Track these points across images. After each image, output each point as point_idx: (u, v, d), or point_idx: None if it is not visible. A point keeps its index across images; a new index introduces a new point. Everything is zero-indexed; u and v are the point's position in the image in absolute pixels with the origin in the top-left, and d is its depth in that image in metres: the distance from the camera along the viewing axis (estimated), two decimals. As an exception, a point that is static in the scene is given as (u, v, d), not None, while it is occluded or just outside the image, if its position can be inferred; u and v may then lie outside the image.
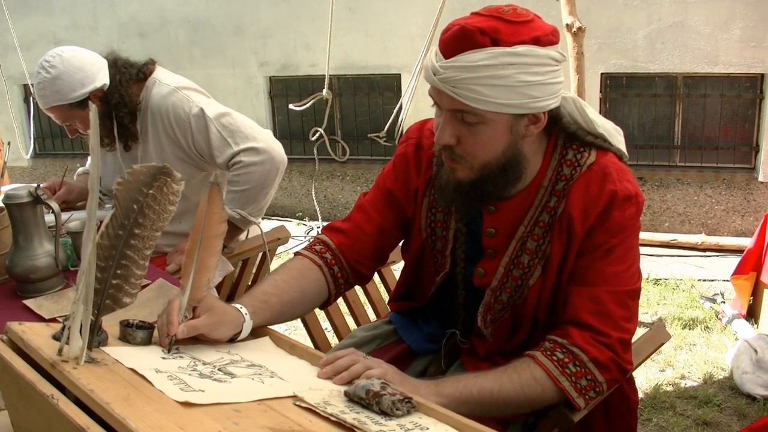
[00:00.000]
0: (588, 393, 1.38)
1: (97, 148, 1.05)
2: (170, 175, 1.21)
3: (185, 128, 2.41)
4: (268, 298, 1.49)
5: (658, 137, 5.79)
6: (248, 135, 2.43)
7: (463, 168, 1.42)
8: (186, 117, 2.40)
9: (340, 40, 5.66)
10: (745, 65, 5.30)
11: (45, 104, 2.36)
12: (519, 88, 1.30)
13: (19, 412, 1.18)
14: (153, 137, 2.48)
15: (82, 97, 2.35)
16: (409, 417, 1.09)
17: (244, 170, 2.39)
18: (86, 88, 2.35)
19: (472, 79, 1.29)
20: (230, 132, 2.41)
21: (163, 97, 2.43)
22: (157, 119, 2.44)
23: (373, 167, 6.59)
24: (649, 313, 4.11)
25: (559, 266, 1.46)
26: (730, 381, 3.21)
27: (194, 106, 2.41)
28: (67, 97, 2.33)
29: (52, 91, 2.31)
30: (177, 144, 2.45)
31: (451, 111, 1.36)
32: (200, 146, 2.42)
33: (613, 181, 1.42)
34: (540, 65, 1.31)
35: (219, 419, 0.97)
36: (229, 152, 2.39)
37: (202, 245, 1.34)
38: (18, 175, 7.38)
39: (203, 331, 1.30)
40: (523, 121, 1.37)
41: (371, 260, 1.69)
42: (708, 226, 5.63)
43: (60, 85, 2.31)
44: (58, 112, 2.39)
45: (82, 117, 2.41)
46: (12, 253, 1.92)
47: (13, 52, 5.58)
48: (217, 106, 2.46)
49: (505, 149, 1.39)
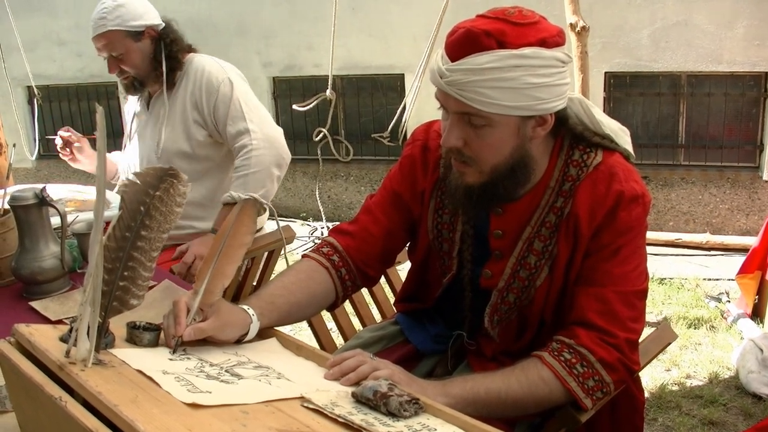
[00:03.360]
0: (595, 393, 1.38)
1: (104, 150, 1.05)
2: (177, 176, 1.21)
3: (211, 93, 2.57)
4: (275, 299, 1.49)
5: (662, 136, 5.78)
6: (264, 120, 2.58)
7: (473, 172, 1.42)
8: (216, 83, 2.57)
9: (344, 40, 5.66)
10: (749, 64, 5.29)
11: (102, 28, 2.48)
12: (525, 90, 1.30)
13: (26, 414, 1.18)
14: (181, 100, 2.63)
15: (141, 28, 2.53)
16: (416, 418, 1.09)
17: (253, 153, 2.49)
18: (146, 20, 2.54)
19: (479, 82, 1.29)
20: (249, 108, 2.56)
21: (205, 63, 2.63)
22: (190, 81, 2.61)
23: (376, 167, 6.59)
24: (654, 312, 4.10)
25: (566, 267, 1.46)
26: (735, 380, 3.20)
27: (228, 77, 2.58)
28: (126, 23, 2.49)
29: (114, 15, 2.47)
30: (198, 109, 2.59)
31: (458, 114, 1.36)
32: (219, 113, 2.56)
33: (620, 181, 1.42)
34: (546, 67, 1.31)
35: (227, 421, 0.97)
36: (242, 126, 2.53)
37: (223, 252, 1.35)
38: (22, 177, 7.39)
39: (211, 334, 1.30)
40: (530, 123, 1.37)
41: (378, 262, 1.69)
42: (713, 225, 5.62)
43: (123, 11, 2.48)
44: (110, 39, 2.51)
45: (131, 49, 2.54)
46: (18, 255, 1.92)
47: (17, 53, 5.57)
48: (249, 90, 2.64)
49: (512, 151, 1.39)
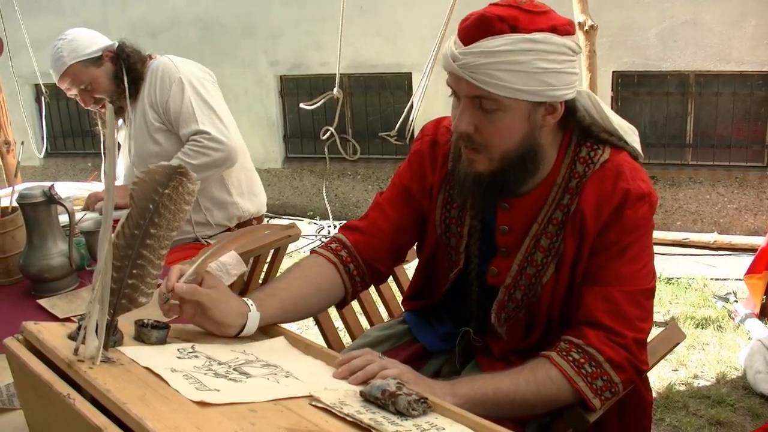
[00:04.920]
0: (604, 393, 1.37)
1: (114, 147, 1.05)
2: (186, 175, 1.21)
3: (163, 92, 2.61)
4: (276, 291, 1.49)
5: (670, 136, 5.76)
6: (218, 122, 2.61)
7: (482, 159, 1.42)
8: (169, 82, 2.61)
9: (351, 39, 5.66)
10: (757, 63, 5.26)
11: (62, 67, 2.57)
12: (536, 75, 1.31)
13: (34, 412, 1.18)
14: (141, 103, 2.68)
15: (98, 53, 2.62)
16: (425, 417, 1.08)
17: (199, 148, 2.55)
18: (100, 44, 2.65)
19: (491, 65, 1.30)
20: (202, 109, 2.59)
21: (160, 63, 2.68)
22: (147, 83, 2.67)
23: (384, 166, 6.59)
24: (662, 312, 4.09)
25: (572, 264, 1.46)
26: (743, 381, 3.19)
27: (181, 75, 2.62)
28: (83, 53, 2.58)
29: (69, 50, 2.57)
30: (154, 108, 2.64)
31: (470, 98, 1.37)
32: (172, 112, 2.60)
33: (626, 180, 1.41)
34: (557, 53, 1.32)
35: (236, 419, 0.97)
36: (194, 127, 2.57)
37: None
38: (30, 175, 7.40)
39: (203, 299, 1.31)
40: (540, 110, 1.38)
41: (388, 257, 1.68)
42: (720, 225, 5.59)
43: (76, 44, 2.59)
44: (74, 75, 2.60)
45: (96, 75, 2.63)
46: (26, 253, 1.93)
47: (25, 52, 5.59)
48: (209, 90, 2.66)
49: (522, 138, 1.39)
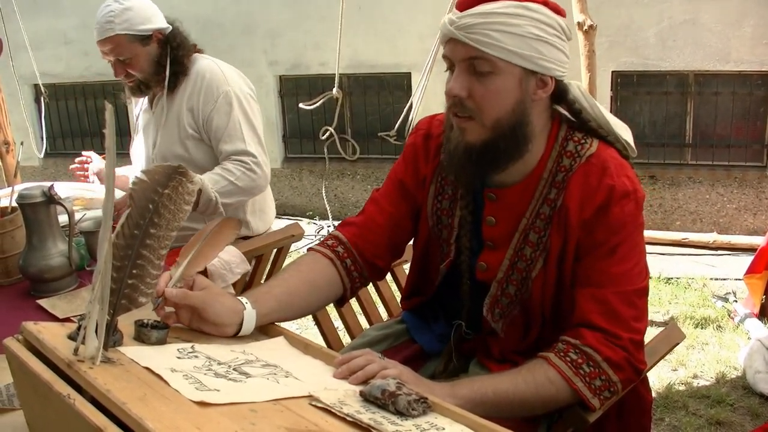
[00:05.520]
0: (602, 393, 1.37)
1: (113, 148, 1.05)
2: (186, 174, 1.21)
3: (208, 102, 2.49)
4: (271, 289, 1.49)
5: (669, 135, 5.76)
6: (261, 147, 2.53)
7: (474, 126, 1.42)
8: (216, 94, 2.49)
9: (350, 39, 5.66)
10: (757, 63, 5.26)
11: (108, 32, 2.42)
12: (529, 40, 1.36)
13: (34, 412, 1.18)
14: (178, 102, 2.56)
15: (149, 32, 2.47)
16: (424, 417, 1.08)
17: (245, 169, 2.46)
18: (154, 23, 2.49)
19: (486, 24, 1.35)
20: (249, 130, 2.49)
21: (207, 69, 2.54)
22: (189, 84, 2.54)
23: (383, 166, 6.59)
24: (661, 312, 4.09)
25: (559, 259, 1.46)
26: (742, 380, 3.20)
27: (231, 88, 2.50)
28: (134, 28, 2.44)
29: (122, 19, 2.41)
30: (192, 113, 2.52)
31: (464, 62, 1.39)
32: (214, 125, 2.49)
33: (611, 176, 1.42)
34: (548, 25, 1.38)
35: (236, 419, 0.97)
36: (240, 147, 2.46)
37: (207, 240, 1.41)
38: (29, 175, 7.40)
39: (195, 302, 1.32)
40: (532, 81, 1.40)
41: (386, 252, 1.68)
42: (720, 225, 5.60)
43: (131, 14, 2.42)
44: (117, 43, 2.44)
45: (139, 53, 2.48)
46: (25, 253, 1.93)
47: (24, 52, 5.60)
48: (253, 105, 2.57)
49: (514, 106, 1.40)
